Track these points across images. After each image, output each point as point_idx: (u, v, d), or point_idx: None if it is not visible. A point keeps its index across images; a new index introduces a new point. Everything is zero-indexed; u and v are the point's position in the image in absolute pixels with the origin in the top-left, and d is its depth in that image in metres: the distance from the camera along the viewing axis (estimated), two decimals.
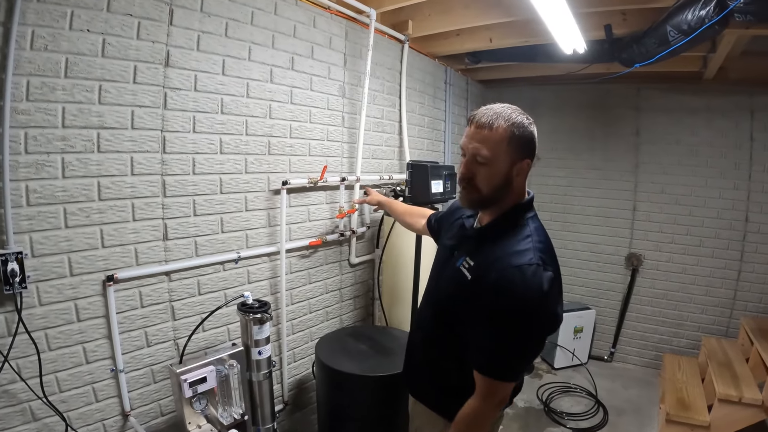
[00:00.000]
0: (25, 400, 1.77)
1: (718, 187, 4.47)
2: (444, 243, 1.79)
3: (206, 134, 2.27)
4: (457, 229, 1.73)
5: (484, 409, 1.45)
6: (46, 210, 1.78)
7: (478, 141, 1.42)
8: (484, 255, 1.48)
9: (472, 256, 1.51)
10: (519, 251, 1.40)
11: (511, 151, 1.42)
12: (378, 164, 3.53)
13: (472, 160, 1.45)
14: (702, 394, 3.58)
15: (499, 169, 1.43)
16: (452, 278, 1.56)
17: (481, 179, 1.45)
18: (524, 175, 1.49)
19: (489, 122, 1.41)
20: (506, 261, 1.38)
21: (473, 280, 1.46)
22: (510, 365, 1.41)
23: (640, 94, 4.73)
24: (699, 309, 4.63)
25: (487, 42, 3.74)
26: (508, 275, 1.35)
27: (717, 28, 2.49)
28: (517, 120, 1.42)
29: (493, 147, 1.41)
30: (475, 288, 1.44)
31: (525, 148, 1.45)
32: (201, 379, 1.91)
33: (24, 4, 1.63)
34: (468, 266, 1.50)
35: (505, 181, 1.45)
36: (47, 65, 1.72)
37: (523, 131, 1.43)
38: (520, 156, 1.44)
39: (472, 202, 1.53)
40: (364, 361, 2.50)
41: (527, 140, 1.44)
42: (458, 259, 1.56)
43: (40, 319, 1.80)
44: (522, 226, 1.48)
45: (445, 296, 1.62)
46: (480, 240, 1.54)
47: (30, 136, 1.71)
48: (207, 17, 2.20)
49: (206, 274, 2.36)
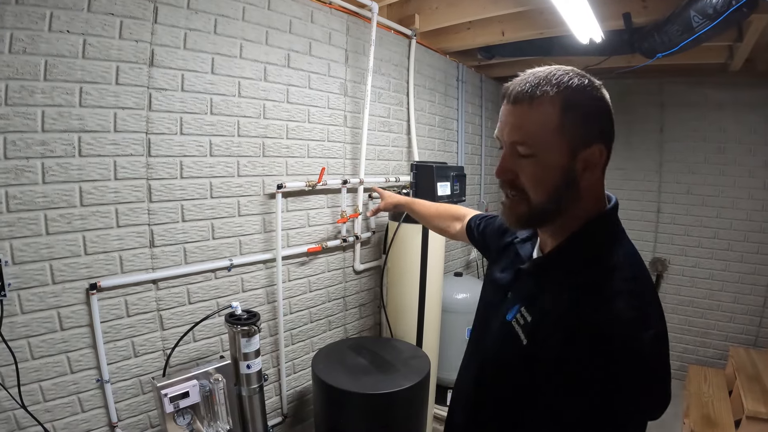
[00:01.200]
0: (9, 408, 1.77)
1: (747, 186, 4.33)
2: (494, 276, 1.28)
3: (195, 136, 2.24)
4: (511, 258, 1.24)
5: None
6: (27, 216, 1.77)
7: (515, 123, 0.97)
8: (546, 306, 0.99)
9: (529, 306, 1.04)
10: (601, 300, 0.90)
11: (568, 133, 0.94)
12: (384, 166, 3.48)
13: (511, 152, 0.99)
14: (729, 409, 3.46)
15: (552, 162, 0.95)
16: (500, 337, 1.09)
17: (528, 179, 0.98)
18: (597, 169, 0.99)
19: (529, 92, 0.94)
20: (579, 320, 0.89)
21: (529, 346, 0.99)
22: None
23: (664, 89, 4.60)
24: (727, 317, 4.49)
25: (499, 35, 3.66)
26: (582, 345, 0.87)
27: (745, 11, 2.38)
28: (573, 83, 0.94)
29: (538, 129, 0.94)
30: (533, 361, 0.96)
31: (592, 127, 0.96)
32: (183, 394, 1.88)
33: (2, 8, 1.63)
34: (523, 322, 1.02)
35: (565, 181, 0.96)
36: (26, 68, 1.71)
37: (585, 99, 0.95)
38: (585, 139, 0.95)
39: (520, 218, 1.03)
40: (363, 377, 2.44)
41: (594, 113, 0.96)
42: (510, 309, 1.09)
43: (22, 327, 1.79)
44: (602, 254, 0.98)
45: (492, 364, 1.14)
46: (539, 279, 1.06)
47: (9, 141, 1.70)
48: (194, 14, 2.17)
49: (196, 282, 2.33)
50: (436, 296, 3.25)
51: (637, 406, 0.88)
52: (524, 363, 0.98)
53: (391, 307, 3.25)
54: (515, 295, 1.11)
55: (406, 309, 3.14)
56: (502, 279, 1.21)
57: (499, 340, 1.10)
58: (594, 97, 0.96)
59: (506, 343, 1.06)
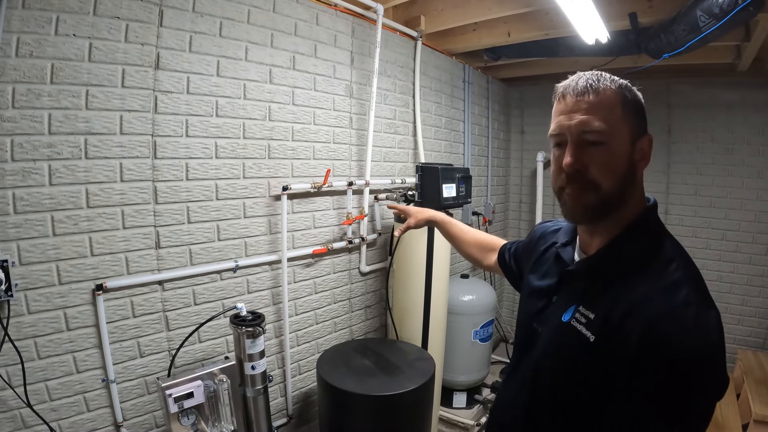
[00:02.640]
0: (15, 407, 1.79)
1: (755, 188, 4.27)
2: (533, 285, 1.30)
3: (200, 138, 2.26)
4: (551, 264, 1.26)
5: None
6: (34, 218, 1.79)
7: (585, 112, 1.01)
8: (609, 300, 1.01)
9: (589, 304, 1.05)
10: (668, 286, 0.95)
11: (629, 121, 1.03)
12: (390, 167, 3.48)
13: (580, 142, 1.02)
14: (737, 412, 3.42)
15: (621, 148, 1.02)
16: (564, 342, 1.08)
17: (599, 168, 1.01)
18: (647, 159, 1.06)
19: (593, 85, 1.03)
20: (654, 304, 0.93)
21: (600, 341, 0.99)
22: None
23: (671, 89, 4.55)
24: (735, 320, 4.43)
25: (505, 36, 3.66)
26: (659, 326, 0.90)
27: (751, 10, 2.35)
28: (623, 82, 1.06)
29: (607, 115, 1.00)
30: (607, 352, 0.97)
31: (642, 118, 1.07)
32: (188, 394, 1.89)
33: (9, 12, 1.65)
34: (586, 320, 1.04)
35: (630, 169, 1.03)
36: (33, 72, 1.73)
37: (634, 95, 1.06)
38: (640, 129, 1.05)
39: (587, 208, 1.05)
40: (368, 379, 2.44)
41: (641, 107, 1.07)
42: (566, 311, 1.11)
43: (29, 327, 1.81)
44: (660, 247, 1.03)
45: (552, 368, 1.12)
46: (595, 277, 1.08)
47: (16, 143, 1.72)
48: (199, 17, 2.19)
49: (202, 284, 2.34)
50: (442, 298, 3.24)
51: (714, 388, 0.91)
52: (593, 359, 0.99)
53: (396, 308, 3.25)
54: (567, 297, 1.13)
55: (411, 311, 3.14)
56: (545, 284, 1.24)
57: (561, 341, 1.10)
58: (638, 94, 1.07)
59: (568, 342, 1.06)
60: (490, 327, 4.01)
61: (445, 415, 3.79)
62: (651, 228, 1.07)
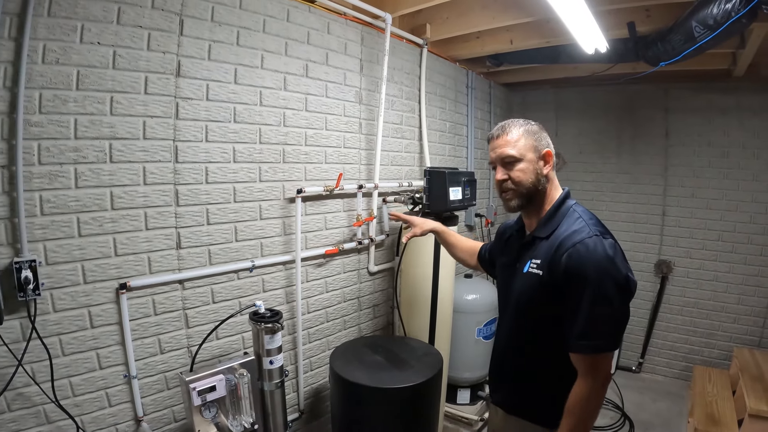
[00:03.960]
0: (39, 403, 1.80)
1: (750, 190, 4.28)
2: (503, 263, 1.86)
3: (219, 143, 2.28)
4: (511, 244, 1.83)
5: (593, 386, 1.48)
6: (60, 219, 1.81)
7: (501, 146, 1.63)
8: (545, 249, 1.58)
9: (536, 256, 1.62)
10: (575, 230, 1.52)
11: (530, 144, 1.61)
12: (398, 171, 3.50)
13: (502, 164, 1.64)
14: (733, 408, 3.43)
15: (527, 162, 1.60)
16: (526, 284, 1.64)
17: (516, 175, 1.60)
18: (552, 164, 1.64)
19: (504, 129, 1.64)
20: (568, 242, 1.50)
21: (545, 273, 1.55)
22: (603, 333, 1.45)
23: (669, 94, 4.57)
24: (731, 318, 4.44)
25: (507, 44, 3.68)
26: (573, 253, 1.47)
27: (744, 22, 2.37)
28: (521, 121, 1.67)
29: (514, 144, 1.61)
30: (549, 278, 1.53)
31: (543, 141, 1.64)
32: (210, 388, 1.91)
33: (35, 19, 1.67)
34: (536, 266, 1.60)
35: (536, 174, 1.61)
36: (59, 78, 1.75)
37: (532, 127, 1.65)
38: (540, 146, 1.62)
39: (518, 201, 1.65)
40: (380, 373, 2.46)
41: (541, 135, 1.65)
42: (524, 266, 1.65)
43: (54, 325, 1.83)
44: (569, 212, 1.62)
45: (525, 303, 1.66)
46: (535, 242, 1.65)
47: (43, 147, 1.74)
48: (218, 26, 2.21)
49: (220, 283, 2.36)
50: (448, 296, 3.26)
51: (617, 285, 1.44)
52: (544, 285, 1.55)
53: (404, 307, 3.26)
54: (524, 258, 1.68)
55: (419, 308, 3.15)
56: (510, 258, 1.79)
57: (526, 285, 1.63)
58: (537, 127, 1.66)
59: (530, 283, 1.61)
60: (493, 325, 4.02)
61: (450, 410, 3.80)
62: (561, 204, 1.64)
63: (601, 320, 1.44)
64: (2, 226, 1.68)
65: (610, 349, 1.47)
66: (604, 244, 1.46)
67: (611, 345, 1.46)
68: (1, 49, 1.62)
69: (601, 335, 1.44)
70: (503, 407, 1.82)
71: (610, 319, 1.45)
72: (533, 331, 1.65)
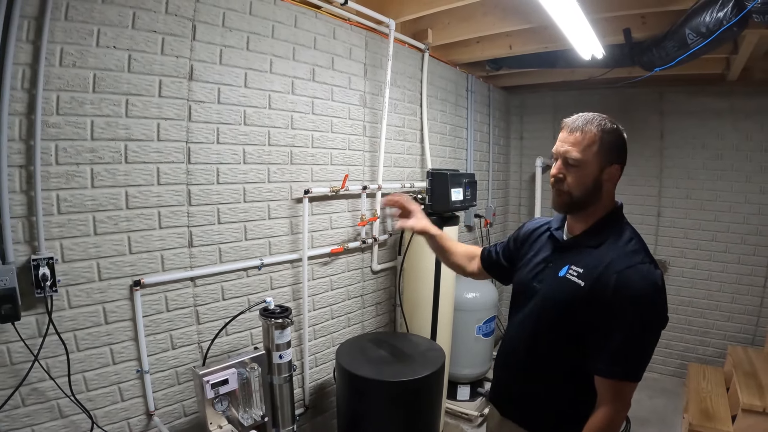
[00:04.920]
0: (53, 398, 1.82)
1: (743, 191, 4.32)
2: (530, 260, 1.70)
3: (230, 145, 2.31)
4: (545, 242, 1.69)
5: (615, 414, 1.42)
6: (76, 218, 1.83)
7: (570, 144, 1.47)
8: (592, 261, 1.47)
9: (578, 263, 1.50)
10: (629, 252, 1.43)
11: (601, 156, 1.45)
12: (400, 172, 3.53)
13: (564, 162, 1.49)
14: (726, 404, 3.46)
15: (589, 171, 1.46)
16: (559, 289, 1.52)
17: (572, 181, 1.48)
18: (614, 181, 1.51)
19: (582, 127, 1.46)
20: (621, 263, 1.40)
21: (587, 285, 1.44)
22: (636, 363, 1.39)
23: (664, 98, 4.60)
24: (725, 317, 4.47)
25: (507, 49, 3.72)
26: (627, 275, 1.38)
27: (735, 30, 2.41)
28: (607, 126, 1.46)
29: (583, 150, 1.45)
30: (589, 293, 1.43)
31: (615, 154, 1.48)
32: (223, 381, 1.93)
33: (52, 23, 1.69)
34: (577, 274, 1.48)
35: (594, 185, 1.48)
36: (76, 81, 1.77)
37: (613, 137, 1.46)
38: (610, 161, 1.47)
39: (563, 204, 1.54)
40: (384, 367, 2.49)
41: (617, 146, 1.48)
42: (560, 270, 1.54)
43: (70, 321, 1.84)
44: (623, 231, 1.51)
45: (552, 306, 1.54)
46: (578, 248, 1.54)
47: (60, 147, 1.76)
48: (228, 32, 2.24)
49: (230, 280, 2.39)
50: (449, 294, 3.29)
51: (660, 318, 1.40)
52: (583, 299, 1.44)
53: (407, 304, 3.29)
54: (560, 261, 1.56)
55: (421, 306, 3.18)
56: (541, 256, 1.66)
57: (559, 289, 1.52)
58: (618, 135, 1.47)
59: (565, 289, 1.49)
60: (492, 323, 4.06)
61: (450, 406, 3.82)
62: (617, 218, 1.54)
63: (638, 348, 1.39)
64: (20, 225, 1.70)
65: (638, 378, 1.40)
66: (656, 275, 1.39)
67: (639, 375, 1.40)
68: (20, 52, 1.64)
69: (634, 363, 1.38)
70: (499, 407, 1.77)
71: (645, 349, 1.40)
72: (548, 335, 1.55)
